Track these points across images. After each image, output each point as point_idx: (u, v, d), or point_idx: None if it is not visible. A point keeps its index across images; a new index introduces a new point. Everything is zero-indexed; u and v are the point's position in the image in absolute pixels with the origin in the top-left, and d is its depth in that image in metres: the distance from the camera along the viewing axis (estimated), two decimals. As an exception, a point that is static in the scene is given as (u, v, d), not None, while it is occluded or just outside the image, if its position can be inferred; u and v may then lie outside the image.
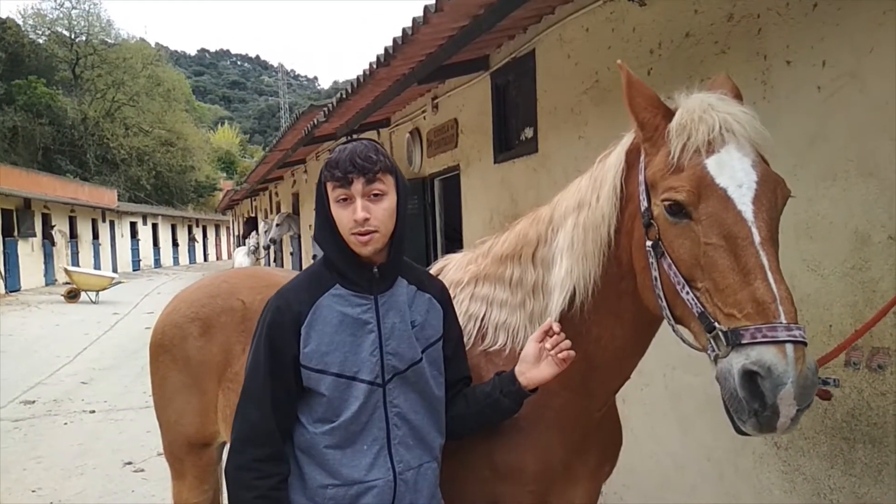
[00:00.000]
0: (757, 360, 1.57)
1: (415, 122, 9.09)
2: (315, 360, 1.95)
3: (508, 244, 2.31)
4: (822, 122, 3.04)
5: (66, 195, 33.32)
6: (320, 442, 1.96)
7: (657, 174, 1.84)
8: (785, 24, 3.23)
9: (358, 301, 2.01)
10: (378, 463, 1.97)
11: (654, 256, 1.85)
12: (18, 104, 41.50)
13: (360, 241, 1.94)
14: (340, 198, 1.95)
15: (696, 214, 1.74)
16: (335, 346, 1.96)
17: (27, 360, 12.59)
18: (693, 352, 1.91)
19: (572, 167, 5.03)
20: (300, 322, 1.96)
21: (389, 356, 2.00)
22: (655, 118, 1.89)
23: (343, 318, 1.98)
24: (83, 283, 23.61)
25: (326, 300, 1.99)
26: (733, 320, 1.64)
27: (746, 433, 1.69)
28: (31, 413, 8.85)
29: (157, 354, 3.09)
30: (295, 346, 1.96)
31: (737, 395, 1.62)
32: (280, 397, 1.96)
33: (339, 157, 1.95)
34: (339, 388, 1.95)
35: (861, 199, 2.89)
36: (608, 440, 2.42)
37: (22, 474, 6.53)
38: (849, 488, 3.02)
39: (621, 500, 4.72)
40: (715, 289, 1.69)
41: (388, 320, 2.02)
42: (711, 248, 1.71)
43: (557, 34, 5.35)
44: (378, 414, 1.98)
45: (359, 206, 1.92)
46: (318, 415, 1.98)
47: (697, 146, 1.77)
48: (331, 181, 1.96)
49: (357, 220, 1.92)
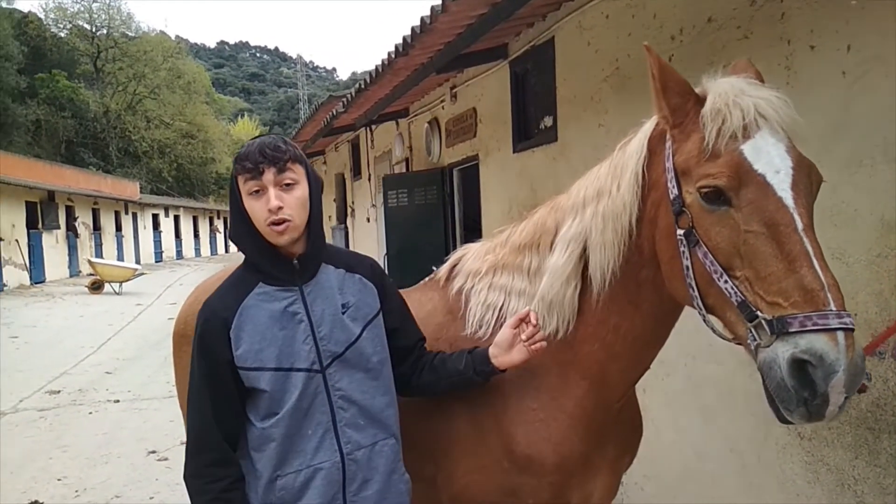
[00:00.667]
0: (807, 349, 1.54)
1: (433, 112, 9.06)
2: (250, 359, 1.98)
3: (526, 233, 2.30)
4: (846, 108, 2.98)
5: (89, 188, 33.65)
6: (269, 436, 2.01)
7: (690, 160, 1.80)
8: (809, 7, 3.18)
9: (283, 295, 2.05)
10: (324, 446, 2.02)
11: (686, 245, 1.81)
12: (41, 98, 41.92)
13: (276, 230, 1.98)
14: (253, 190, 1.98)
15: (735, 201, 1.70)
16: (268, 343, 2.00)
17: (52, 350, 12.76)
18: (715, 341, 1.88)
19: (592, 156, 4.99)
20: (228, 327, 2.00)
21: (324, 342, 2.04)
22: (686, 103, 1.84)
23: (271, 314, 2.02)
24: (107, 274, 23.85)
25: (251, 301, 2.03)
26: (778, 308, 1.60)
27: (791, 422, 1.66)
28: (57, 403, 8.97)
29: (181, 344, 3.11)
30: (227, 352, 1.99)
31: (784, 385, 1.59)
32: (219, 403, 2.01)
33: (249, 150, 1.98)
34: (278, 381, 1.99)
35: (887, 185, 2.84)
36: (628, 431, 2.40)
37: (48, 463, 6.62)
38: (873, 479, 2.98)
39: (642, 490, 4.70)
40: (756, 277, 1.65)
41: (317, 307, 2.06)
42: (752, 235, 1.67)
43: (577, 21, 5.30)
44: (320, 399, 2.03)
45: (272, 195, 1.95)
46: (263, 410, 2.02)
47: (733, 131, 1.73)
48: (242, 174, 1.98)
49: (271, 208, 1.95)
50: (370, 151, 12.73)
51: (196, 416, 2.03)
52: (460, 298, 2.42)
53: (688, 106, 1.84)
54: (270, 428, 2.00)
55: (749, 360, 3.71)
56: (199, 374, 2.03)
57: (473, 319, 2.34)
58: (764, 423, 3.57)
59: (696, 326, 1.90)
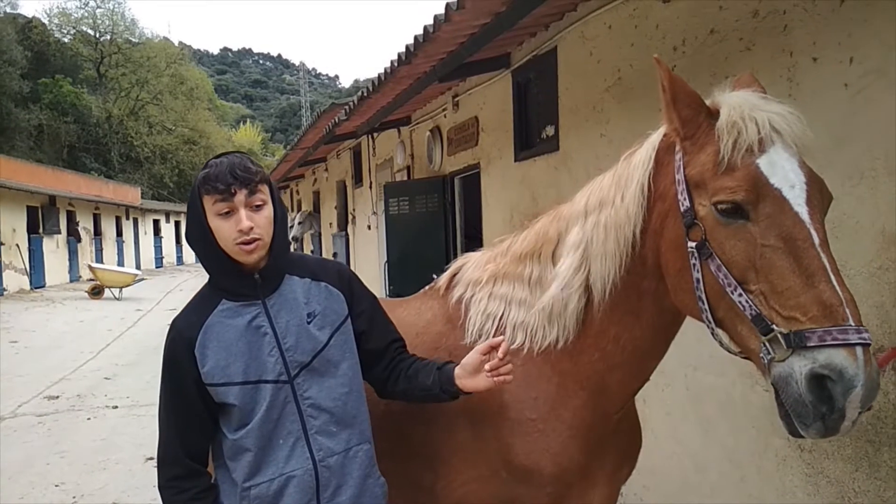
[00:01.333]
0: (827, 364, 1.55)
1: (435, 121, 9.08)
2: (217, 375, 2.01)
3: (528, 242, 2.29)
4: (848, 120, 2.99)
5: (90, 193, 33.71)
6: (241, 446, 2.05)
7: (705, 173, 1.79)
8: (811, 20, 3.19)
9: (246, 310, 2.07)
10: (295, 454, 2.05)
11: (697, 258, 1.80)
12: (44, 103, 42.02)
13: (245, 249, 1.99)
14: (223, 211, 1.98)
15: (753, 215, 1.70)
16: (234, 358, 2.02)
17: (51, 355, 12.74)
18: (716, 352, 1.88)
19: (594, 165, 5.00)
20: (192, 346, 2.03)
21: (290, 352, 2.06)
22: (698, 115, 1.84)
23: (235, 329, 2.05)
24: (107, 279, 23.86)
25: (215, 318, 2.06)
26: (795, 323, 1.60)
27: (803, 436, 1.67)
28: (55, 408, 8.96)
29: (179, 351, 3.10)
30: (194, 370, 2.03)
31: (802, 400, 1.59)
32: (184, 421, 2.07)
33: (218, 171, 1.98)
34: (247, 394, 2.02)
35: (888, 198, 2.84)
36: (627, 442, 2.39)
37: (45, 469, 6.61)
38: (874, 492, 2.97)
39: (641, 501, 4.69)
40: (772, 291, 1.65)
41: (282, 319, 2.08)
42: (769, 249, 1.67)
43: (580, 31, 5.31)
44: (289, 409, 2.05)
45: (243, 216, 1.97)
46: (235, 423, 2.06)
47: (749, 144, 1.73)
48: (212, 194, 1.98)
49: (243, 229, 1.97)
50: (372, 159, 12.74)
51: (163, 432, 2.11)
52: (460, 307, 2.41)
53: (699, 118, 1.84)
54: (242, 439, 2.04)
55: (750, 372, 3.71)
56: (165, 394, 2.10)
57: (473, 329, 2.33)
58: (764, 434, 3.56)
59: (697, 337, 1.90)
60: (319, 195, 19.57)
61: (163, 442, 2.11)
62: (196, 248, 2.10)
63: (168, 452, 2.10)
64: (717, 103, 1.84)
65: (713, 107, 1.84)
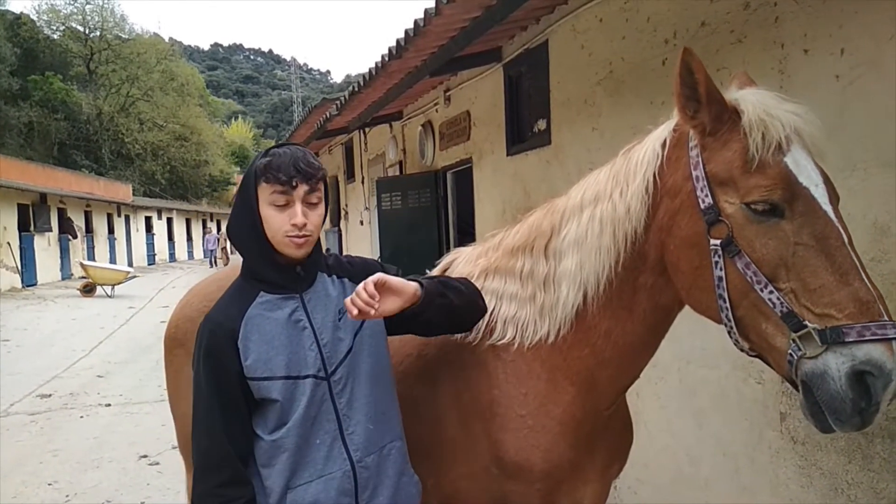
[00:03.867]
0: (867, 360, 1.57)
1: (427, 115, 9.06)
2: (260, 369, 1.95)
3: (521, 235, 2.28)
4: (840, 112, 2.99)
5: (81, 190, 33.54)
6: (280, 446, 1.97)
7: (733, 170, 1.78)
8: (802, 11, 3.18)
9: (285, 303, 2.03)
10: (333, 455, 1.99)
11: (721, 255, 1.79)
12: (34, 100, 41.75)
13: (296, 243, 1.97)
14: (279, 202, 1.95)
15: (788, 214, 1.71)
16: (276, 351, 1.97)
17: (43, 353, 12.70)
18: (708, 346, 1.89)
19: (585, 159, 5.00)
20: (235, 337, 1.97)
21: (326, 348, 2.02)
22: (724, 113, 1.82)
23: (276, 322, 2.00)
24: (99, 277, 23.77)
25: (255, 310, 2.00)
26: (830, 319, 1.62)
27: (835, 431, 1.69)
28: (48, 406, 8.93)
29: (171, 348, 3.09)
30: (236, 363, 1.95)
31: (839, 396, 1.60)
32: (230, 419, 1.96)
33: (281, 162, 1.95)
34: (288, 389, 1.96)
35: (880, 189, 2.84)
36: (617, 439, 2.39)
37: (38, 467, 6.58)
38: (867, 483, 2.98)
39: (635, 494, 4.69)
40: (804, 289, 1.67)
41: (317, 315, 2.05)
42: (803, 248, 1.68)
43: (571, 25, 5.30)
44: (326, 406, 2.00)
45: (299, 211, 1.95)
46: (272, 423, 1.99)
47: (777, 143, 1.73)
48: (273, 183, 1.94)
49: (297, 223, 1.94)
50: (364, 154, 12.71)
51: (205, 435, 1.97)
52: None
53: (724, 115, 1.82)
54: (281, 439, 1.96)
55: (743, 365, 3.72)
56: (207, 390, 1.97)
57: None
58: (757, 426, 3.57)
59: (690, 330, 1.90)
60: (312, 191, 19.51)
61: (205, 446, 1.97)
62: (240, 234, 2.05)
63: (214, 455, 1.95)
64: (735, 101, 1.83)
65: (730, 104, 1.83)
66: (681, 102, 1.86)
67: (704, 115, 1.83)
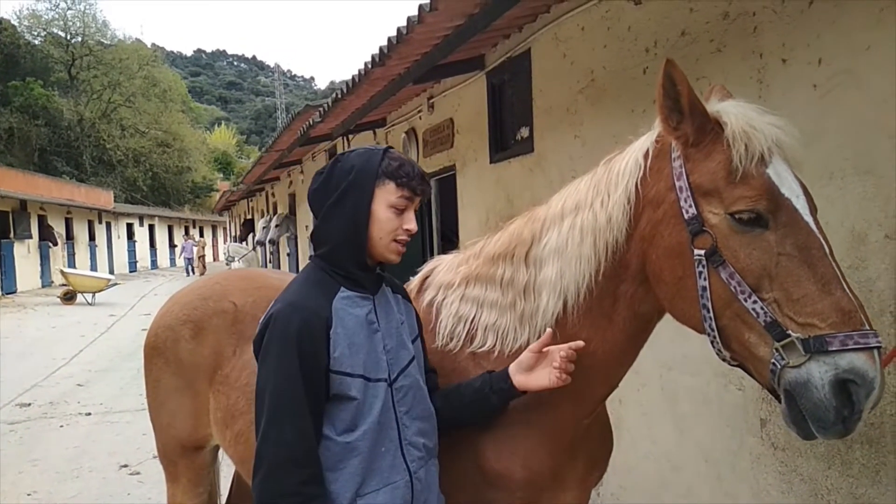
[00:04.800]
0: (850, 368, 1.59)
1: (410, 122, 9.07)
2: (345, 363, 1.90)
3: (501, 243, 2.28)
4: (818, 121, 3.02)
5: (62, 196, 33.25)
6: (354, 448, 1.90)
7: (717, 181, 1.79)
8: (781, 21, 3.22)
9: (363, 302, 2.01)
10: (396, 463, 1.96)
11: (705, 265, 1.79)
12: (14, 105, 41.44)
13: (399, 249, 2.04)
14: (400, 206, 2.00)
15: (772, 224, 1.73)
16: (357, 348, 1.93)
17: (23, 362, 12.54)
18: (689, 353, 1.90)
19: (568, 167, 5.02)
20: (329, 327, 1.91)
21: (390, 354, 2.00)
22: (707, 124, 1.83)
23: (356, 319, 1.97)
24: (79, 284, 23.54)
25: (339, 303, 1.96)
26: (813, 329, 1.64)
27: (816, 438, 1.71)
28: (27, 416, 8.81)
29: (151, 356, 3.07)
30: (326, 354, 1.89)
31: (823, 404, 1.62)
32: (315, 413, 1.88)
33: (411, 170, 2.02)
34: (365, 389, 1.93)
35: (858, 197, 2.88)
36: (597, 446, 2.39)
37: (17, 477, 6.50)
38: (846, 489, 3.00)
39: (618, 500, 4.70)
40: (787, 298, 1.69)
41: (384, 320, 2.04)
42: (786, 258, 1.70)
43: (553, 33, 5.33)
44: (390, 414, 1.97)
45: (412, 219, 2.02)
46: (345, 423, 1.91)
47: (761, 154, 1.75)
48: (402, 188, 1.99)
49: (410, 229, 2.01)
50: (347, 161, 12.67)
51: (288, 428, 1.83)
52: (431, 311, 2.39)
53: (707, 126, 1.83)
54: (356, 441, 1.90)
55: (724, 372, 3.74)
56: (294, 380, 1.84)
57: (444, 332, 2.30)
58: (738, 433, 3.59)
59: (671, 337, 1.91)
60: (295, 198, 19.46)
61: (285, 439, 1.82)
62: (338, 225, 1.99)
63: (299, 449, 1.82)
64: (717, 112, 1.85)
65: (713, 115, 1.84)
66: (664, 113, 1.86)
67: (687, 126, 1.84)
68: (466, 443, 2.19)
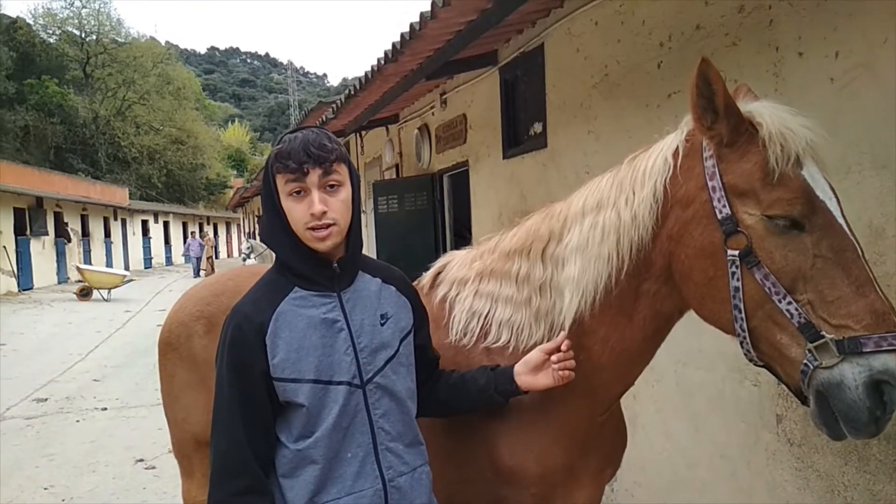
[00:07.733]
0: (884, 369, 1.60)
1: (423, 118, 9.06)
2: (287, 369, 1.81)
3: (517, 239, 2.26)
4: (834, 115, 2.99)
5: (77, 194, 33.52)
6: (307, 457, 1.83)
7: (753, 182, 1.78)
8: (797, 14, 3.19)
9: (321, 301, 1.88)
10: (365, 471, 1.86)
11: (738, 266, 1.78)
12: (30, 103, 41.78)
13: (318, 236, 1.82)
14: (294, 191, 1.82)
15: (808, 226, 1.73)
16: (306, 352, 1.82)
17: (40, 357, 12.67)
18: (704, 348, 1.89)
19: (581, 162, 5.00)
20: (263, 333, 1.82)
21: (364, 354, 1.88)
22: (742, 123, 1.82)
23: (309, 320, 1.85)
24: (95, 281, 23.72)
25: (287, 306, 1.86)
26: (847, 330, 1.65)
27: (846, 438, 1.71)
28: (44, 411, 8.90)
29: (165, 352, 3.08)
30: (263, 361, 1.81)
31: (857, 405, 1.63)
32: (252, 421, 1.82)
33: (291, 147, 1.81)
34: (317, 394, 1.82)
35: (875, 192, 2.85)
36: (611, 444, 2.38)
37: (34, 472, 6.57)
38: (863, 485, 2.98)
39: (632, 496, 4.69)
40: (821, 300, 1.69)
41: (356, 317, 1.91)
42: (822, 260, 1.71)
43: (566, 28, 5.31)
44: (360, 417, 1.86)
45: (316, 199, 1.80)
46: (298, 430, 1.85)
47: (797, 156, 1.75)
48: (283, 173, 1.81)
49: (315, 213, 1.79)
50: (360, 157, 12.71)
51: (224, 437, 1.82)
52: (444, 306, 2.38)
53: (742, 127, 1.82)
54: (309, 449, 1.82)
55: (739, 367, 3.72)
56: (228, 389, 1.82)
57: (458, 327, 2.30)
58: (753, 429, 3.57)
59: (686, 333, 1.89)
60: (308, 194, 19.50)
61: (223, 449, 1.81)
62: (270, 229, 1.90)
63: (233, 459, 1.80)
64: (749, 113, 1.83)
65: (746, 115, 1.83)
66: (697, 113, 1.84)
67: (722, 126, 1.82)
68: (479, 439, 2.18)
